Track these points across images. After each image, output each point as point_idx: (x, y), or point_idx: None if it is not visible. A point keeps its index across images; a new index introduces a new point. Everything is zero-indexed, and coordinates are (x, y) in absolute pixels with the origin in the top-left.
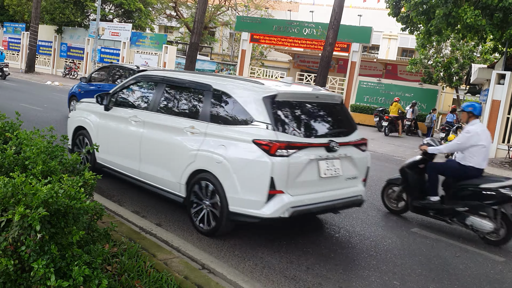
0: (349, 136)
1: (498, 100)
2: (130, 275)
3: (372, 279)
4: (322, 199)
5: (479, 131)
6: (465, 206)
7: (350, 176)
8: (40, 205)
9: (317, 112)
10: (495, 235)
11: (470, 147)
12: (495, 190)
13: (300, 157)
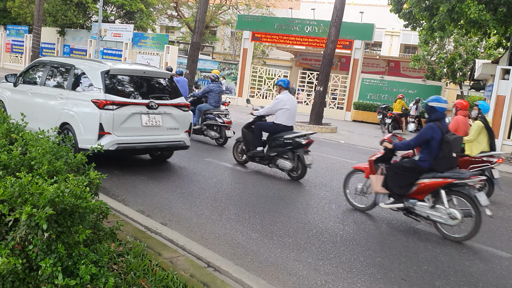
0: (171, 100)
1: (503, 95)
2: (136, 274)
3: (378, 276)
4: (145, 141)
5: (285, 99)
6: (275, 152)
7: (172, 127)
8: (46, 205)
9: (143, 82)
10: (295, 172)
11: (279, 110)
12: (292, 139)
13: (124, 111)
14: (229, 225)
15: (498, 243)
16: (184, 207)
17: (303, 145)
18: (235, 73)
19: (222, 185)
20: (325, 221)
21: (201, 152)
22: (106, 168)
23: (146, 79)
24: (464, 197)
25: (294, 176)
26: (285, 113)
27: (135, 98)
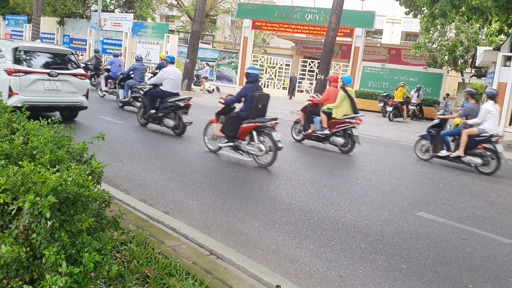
0: (70, 71)
1: (504, 82)
2: (139, 262)
3: (379, 263)
4: (47, 101)
5: (169, 70)
6: (162, 113)
7: (70, 91)
8: (49, 193)
9: (47, 56)
10: (177, 130)
11: (165, 79)
12: (173, 102)
13: (28, 77)
14: (231, 213)
15: (499, 229)
16: (186, 196)
17: (182, 107)
18: (235, 62)
19: (224, 173)
20: (327, 208)
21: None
22: (108, 158)
23: (49, 54)
24: (267, 135)
25: (177, 132)
26: (170, 82)
27: (39, 68)
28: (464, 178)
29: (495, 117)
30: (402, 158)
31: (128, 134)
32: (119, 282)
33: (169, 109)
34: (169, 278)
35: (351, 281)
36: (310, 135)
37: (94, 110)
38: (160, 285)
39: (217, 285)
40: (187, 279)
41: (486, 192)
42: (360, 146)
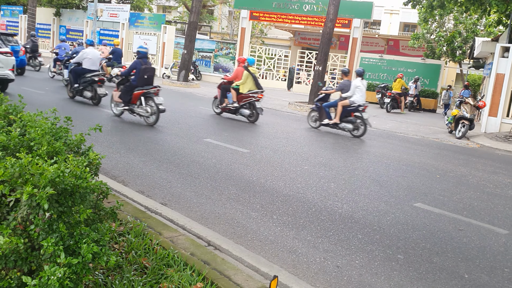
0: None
1: (502, 73)
2: (137, 253)
3: (376, 253)
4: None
5: (88, 51)
6: (82, 86)
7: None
8: (47, 185)
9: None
10: (95, 100)
11: (85, 59)
12: (90, 77)
13: None
14: (229, 205)
15: (496, 220)
16: (184, 187)
17: (97, 81)
18: (233, 53)
19: (222, 165)
20: (324, 199)
21: (202, 133)
22: (106, 150)
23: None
24: (151, 100)
25: (94, 102)
26: (88, 61)
27: None
28: (339, 140)
29: (362, 91)
30: (399, 150)
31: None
32: (117, 273)
33: (87, 83)
34: (167, 269)
35: (348, 271)
36: (225, 108)
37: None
38: (158, 276)
39: (215, 276)
40: (185, 270)
41: (363, 149)
42: (353, 138)
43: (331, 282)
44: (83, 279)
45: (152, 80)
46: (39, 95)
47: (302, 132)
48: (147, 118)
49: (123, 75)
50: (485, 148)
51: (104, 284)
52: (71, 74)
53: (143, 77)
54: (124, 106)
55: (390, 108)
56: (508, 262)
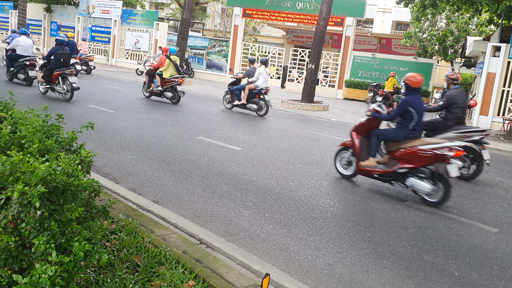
0: None
1: (493, 72)
2: (129, 251)
3: (367, 251)
4: None
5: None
6: (16, 69)
7: None
8: (38, 183)
9: None
10: (27, 82)
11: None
12: (22, 62)
13: None
14: (221, 203)
15: (486, 218)
16: (176, 185)
17: (28, 65)
18: (226, 50)
19: (214, 163)
20: (316, 198)
21: (195, 131)
22: (97, 147)
23: None
24: (67, 79)
25: (27, 83)
26: (21, 48)
27: None
28: (247, 118)
29: (265, 77)
30: None
31: (227, 158)
32: (109, 271)
33: (20, 67)
34: (159, 267)
35: (340, 269)
36: (152, 92)
37: None
38: (150, 274)
39: (207, 274)
40: (177, 268)
41: (262, 124)
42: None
43: (322, 280)
44: (75, 277)
45: (68, 63)
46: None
47: (299, 133)
48: (64, 95)
49: (44, 59)
50: None
51: (95, 282)
52: (7, 60)
53: (60, 61)
54: (46, 85)
55: None
56: (498, 260)
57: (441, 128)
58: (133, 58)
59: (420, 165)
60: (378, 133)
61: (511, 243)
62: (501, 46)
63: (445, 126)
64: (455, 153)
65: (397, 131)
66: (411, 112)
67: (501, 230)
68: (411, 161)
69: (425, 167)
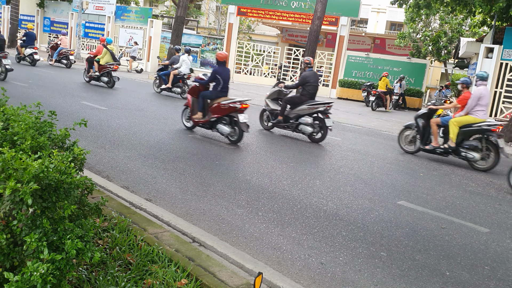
0: None
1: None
2: (122, 249)
3: (360, 250)
4: None
5: None
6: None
7: None
8: (31, 180)
9: None
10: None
11: None
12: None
13: None
14: (214, 201)
15: (477, 218)
16: (169, 183)
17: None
18: (220, 48)
19: (208, 161)
20: (309, 197)
21: (187, 130)
22: (91, 144)
23: None
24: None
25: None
26: None
27: None
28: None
29: (187, 64)
30: (383, 148)
31: (221, 156)
32: (101, 269)
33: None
34: (151, 265)
35: (332, 268)
36: (91, 76)
37: None
38: (143, 272)
39: (200, 272)
40: (169, 266)
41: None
42: (342, 135)
43: (315, 279)
44: (67, 275)
45: (3, 48)
46: None
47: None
48: None
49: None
50: None
51: (87, 280)
52: None
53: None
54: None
55: (375, 107)
56: (489, 260)
57: (299, 102)
58: (126, 55)
59: (222, 114)
60: (202, 94)
61: (501, 244)
62: (494, 47)
63: (302, 100)
64: (241, 105)
65: (212, 92)
66: (219, 79)
67: (492, 230)
68: (217, 112)
69: (226, 116)
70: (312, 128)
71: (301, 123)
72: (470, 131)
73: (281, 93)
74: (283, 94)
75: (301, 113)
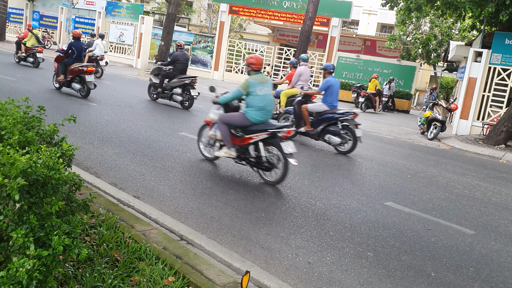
0: None
1: (475, 77)
2: (109, 246)
3: (347, 250)
4: None
5: None
6: None
7: None
8: (18, 175)
9: None
10: None
11: None
12: None
13: None
14: (203, 199)
15: (463, 220)
16: (157, 181)
17: None
18: (211, 46)
19: (197, 159)
20: (298, 196)
21: (176, 126)
22: (79, 141)
23: None
24: None
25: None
26: None
27: None
28: None
29: (101, 47)
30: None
31: None
32: (88, 266)
33: None
34: (138, 262)
35: (319, 267)
36: (19, 57)
37: None
38: (130, 269)
39: (187, 270)
40: (156, 264)
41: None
42: None
43: (302, 278)
44: (53, 271)
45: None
46: None
47: None
48: None
49: None
50: (455, 150)
51: (74, 277)
52: None
53: None
54: None
55: (364, 108)
56: (473, 261)
57: (172, 76)
58: (117, 51)
59: (74, 75)
60: (64, 61)
61: (486, 246)
62: (483, 51)
63: (174, 75)
64: (87, 68)
65: (69, 59)
66: (74, 50)
67: (477, 232)
68: (71, 73)
69: (78, 76)
70: (182, 98)
71: (173, 93)
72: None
73: (161, 70)
74: (162, 71)
75: (173, 85)
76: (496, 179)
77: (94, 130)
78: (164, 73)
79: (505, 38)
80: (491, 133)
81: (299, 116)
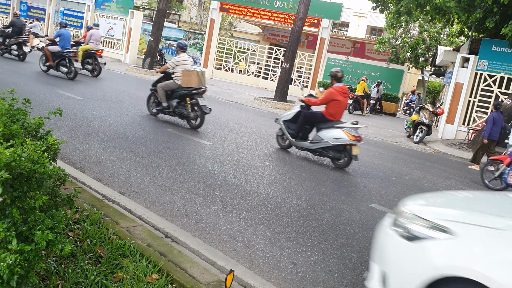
0: None
1: (461, 83)
2: (93, 242)
3: (331, 251)
4: None
5: None
6: None
7: None
8: (2, 168)
9: None
10: None
11: None
12: None
13: None
14: (189, 197)
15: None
16: (143, 177)
17: None
18: (201, 43)
19: (183, 156)
20: (284, 196)
21: (164, 123)
22: (65, 135)
23: None
24: None
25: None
26: None
27: None
28: None
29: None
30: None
31: (197, 152)
32: (70, 261)
33: None
34: (122, 259)
35: (303, 267)
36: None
37: None
38: (113, 266)
39: (171, 268)
40: (140, 261)
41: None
42: None
43: (286, 278)
44: (35, 266)
45: None
46: None
47: (270, 130)
48: None
49: None
50: (440, 154)
51: (56, 272)
52: None
53: None
54: None
55: (352, 110)
56: None
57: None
58: (106, 45)
59: (60, 60)
60: None
61: None
62: (470, 57)
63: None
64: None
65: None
66: None
67: None
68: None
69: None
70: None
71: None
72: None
73: (3, 32)
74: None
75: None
76: (479, 184)
77: (80, 125)
78: (5, 34)
79: (492, 45)
80: (476, 138)
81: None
